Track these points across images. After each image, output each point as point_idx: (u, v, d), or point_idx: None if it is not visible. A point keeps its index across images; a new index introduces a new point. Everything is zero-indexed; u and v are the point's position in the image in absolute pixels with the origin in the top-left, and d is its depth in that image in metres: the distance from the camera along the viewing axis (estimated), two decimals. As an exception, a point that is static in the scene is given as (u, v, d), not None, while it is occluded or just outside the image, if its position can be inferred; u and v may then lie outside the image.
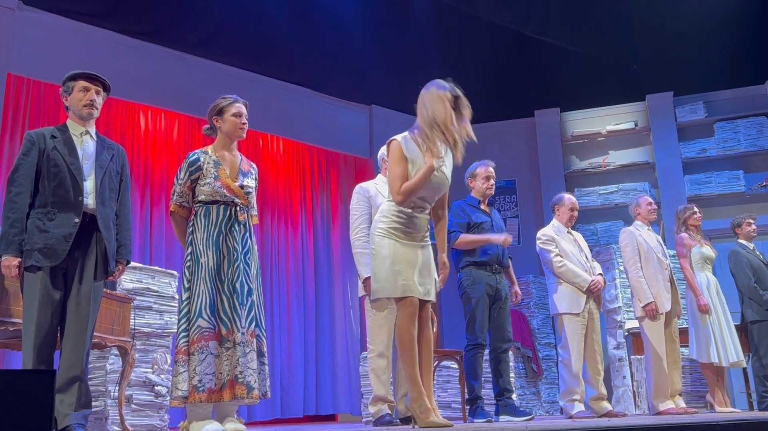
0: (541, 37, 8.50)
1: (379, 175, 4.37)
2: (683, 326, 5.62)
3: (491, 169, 4.80)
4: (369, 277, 3.95)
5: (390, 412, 3.98)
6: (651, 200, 5.57)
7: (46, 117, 6.11)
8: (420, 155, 3.24)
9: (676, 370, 5.16)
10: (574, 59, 8.57)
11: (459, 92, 3.33)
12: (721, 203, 8.03)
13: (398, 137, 3.34)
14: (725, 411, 5.05)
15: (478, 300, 4.49)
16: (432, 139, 3.24)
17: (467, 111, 3.33)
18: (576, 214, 5.27)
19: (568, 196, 5.31)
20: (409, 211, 3.29)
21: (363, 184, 4.36)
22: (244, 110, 3.62)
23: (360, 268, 4.10)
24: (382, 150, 4.38)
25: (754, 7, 8.02)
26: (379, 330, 4.02)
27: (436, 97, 3.29)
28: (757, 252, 5.73)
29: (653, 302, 5.07)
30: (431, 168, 3.17)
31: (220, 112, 3.57)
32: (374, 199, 4.18)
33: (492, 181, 4.80)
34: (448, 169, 3.38)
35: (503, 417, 4.41)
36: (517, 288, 4.85)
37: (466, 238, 4.58)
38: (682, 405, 5.07)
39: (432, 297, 3.47)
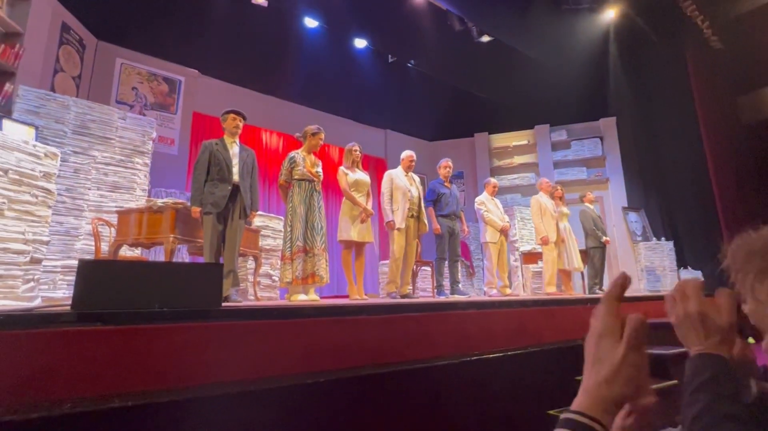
0: (478, 93, 8.32)
1: (399, 167, 4.23)
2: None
3: (449, 163, 4.74)
4: (390, 220, 3.95)
5: (395, 291, 4.02)
6: (550, 182, 5.30)
7: (212, 134, 6.09)
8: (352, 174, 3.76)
9: (564, 273, 5.12)
10: (496, 104, 8.41)
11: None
12: (574, 185, 7.93)
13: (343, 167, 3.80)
14: (571, 293, 5.06)
15: (442, 235, 4.47)
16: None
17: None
18: (497, 189, 5.21)
19: (492, 179, 5.26)
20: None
21: (389, 171, 4.22)
22: (323, 137, 3.62)
23: (386, 216, 4.02)
24: (403, 154, 4.27)
25: (596, 69, 7.63)
26: (394, 247, 4.01)
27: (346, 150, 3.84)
28: (595, 211, 5.69)
29: (546, 236, 4.99)
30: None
31: (313, 134, 3.57)
32: (395, 180, 4.08)
33: (449, 170, 4.71)
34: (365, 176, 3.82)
35: (454, 296, 4.44)
36: (465, 227, 4.74)
37: (431, 212, 4.49)
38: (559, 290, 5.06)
39: (366, 239, 3.72)
